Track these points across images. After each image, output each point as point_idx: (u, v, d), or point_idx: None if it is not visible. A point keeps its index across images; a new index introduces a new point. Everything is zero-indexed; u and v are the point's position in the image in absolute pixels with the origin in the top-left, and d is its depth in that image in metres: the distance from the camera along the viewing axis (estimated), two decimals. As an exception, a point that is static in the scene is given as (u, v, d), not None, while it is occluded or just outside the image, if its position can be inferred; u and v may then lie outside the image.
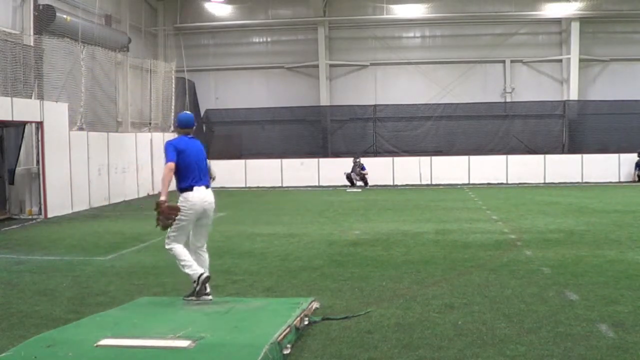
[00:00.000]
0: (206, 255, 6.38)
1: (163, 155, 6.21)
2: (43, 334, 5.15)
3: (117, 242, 10.92)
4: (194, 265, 6.07)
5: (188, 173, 6.14)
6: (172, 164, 6.03)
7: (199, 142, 6.48)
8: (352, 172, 22.94)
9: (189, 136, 6.43)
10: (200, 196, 6.13)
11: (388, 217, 13.91)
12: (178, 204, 6.03)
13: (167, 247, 6.13)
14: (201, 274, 6.00)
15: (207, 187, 6.27)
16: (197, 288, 6.01)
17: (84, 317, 5.86)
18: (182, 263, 6.07)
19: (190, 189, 6.11)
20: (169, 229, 6.01)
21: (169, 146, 6.15)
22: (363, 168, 22.87)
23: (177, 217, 5.93)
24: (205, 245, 6.39)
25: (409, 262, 8.56)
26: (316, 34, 26.11)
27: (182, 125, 6.43)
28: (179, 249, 6.10)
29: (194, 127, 6.56)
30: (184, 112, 6.85)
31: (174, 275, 6.32)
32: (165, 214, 5.85)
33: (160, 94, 22.16)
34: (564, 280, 7.20)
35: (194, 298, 6.06)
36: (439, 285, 7.12)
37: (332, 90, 26.59)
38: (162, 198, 5.87)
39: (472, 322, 5.62)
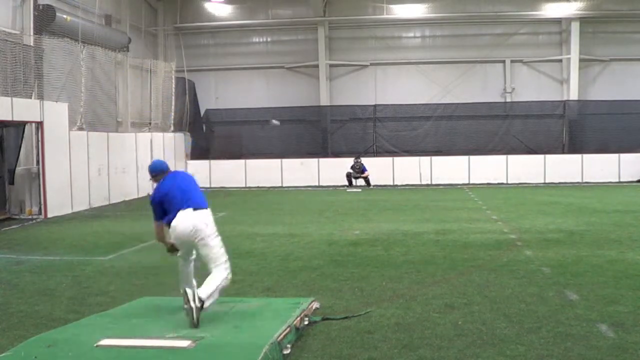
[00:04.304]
0: (213, 272, 5.78)
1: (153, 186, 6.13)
2: (43, 334, 5.16)
3: (117, 242, 10.92)
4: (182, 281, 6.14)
5: (172, 207, 5.90)
6: (160, 224, 5.93)
7: (181, 173, 6.33)
8: (351, 170, 22.88)
9: (168, 174, 6.14)
10: (180, 219, 5.83)
11: (388, 217, 13.90)
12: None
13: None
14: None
15: (196, 208, 5.77)
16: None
17: (84, 317, 5.86)
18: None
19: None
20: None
21: (153, 201, 5.98)
22: (363, 170, 22.77)
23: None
24: (214, 264, 5.75)
25: (409, 262, 8.57)
26: (316, 34, 26.08)
27: (154, 172, 6.15)
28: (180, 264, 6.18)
29: (167, 169, 6.18)
30: (154, 160, 6.60)
31: (174, 275, 6.33)
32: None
33: (160, 94, 22.14)
34: (564, 280, 7.20)
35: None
36: (439, 285, 7.12)
37: (332, 90, 26.56)
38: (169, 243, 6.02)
39: (472, 322, 5.63)
